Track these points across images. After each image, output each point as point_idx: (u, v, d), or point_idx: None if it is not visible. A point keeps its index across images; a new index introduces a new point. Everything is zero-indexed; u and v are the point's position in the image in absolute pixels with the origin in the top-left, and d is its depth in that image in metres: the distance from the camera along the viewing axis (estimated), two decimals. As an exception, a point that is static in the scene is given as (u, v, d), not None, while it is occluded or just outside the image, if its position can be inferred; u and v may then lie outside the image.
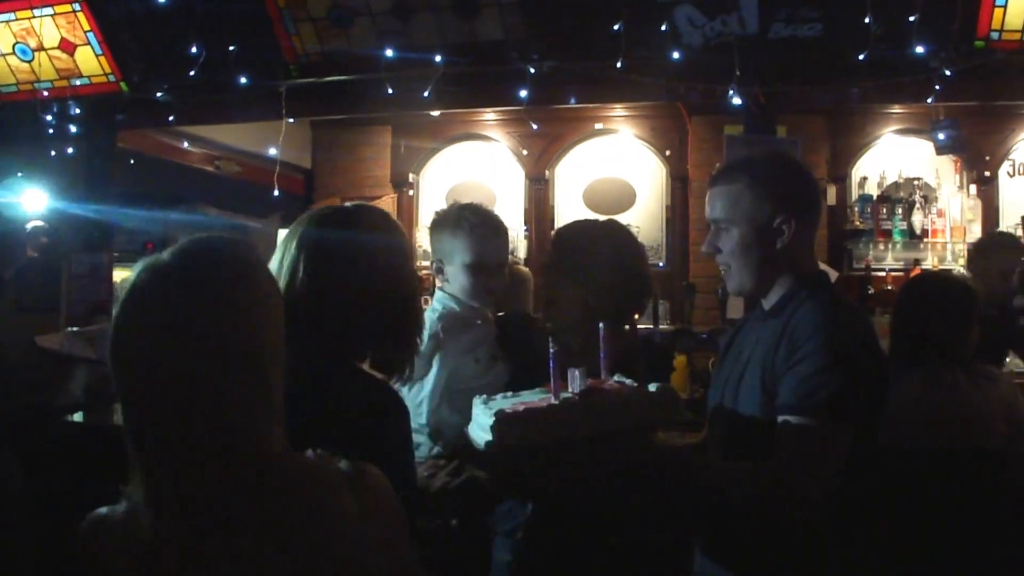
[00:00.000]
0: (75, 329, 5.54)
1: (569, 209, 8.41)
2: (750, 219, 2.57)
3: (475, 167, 8.71)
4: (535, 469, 2.43)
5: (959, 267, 7.25)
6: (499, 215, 3.72)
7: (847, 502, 2.44)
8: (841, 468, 2.36)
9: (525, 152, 8.46)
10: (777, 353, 2.47)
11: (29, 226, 6.53)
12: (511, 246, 8.23)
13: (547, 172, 8.45)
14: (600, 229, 3.51)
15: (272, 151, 7.34)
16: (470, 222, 3.39)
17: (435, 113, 7.61)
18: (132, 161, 7.54)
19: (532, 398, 2.44)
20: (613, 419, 2.34)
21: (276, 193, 6.75)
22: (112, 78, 6.61)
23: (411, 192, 8.76)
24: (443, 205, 8.34)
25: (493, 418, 2.27)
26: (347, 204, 2.69)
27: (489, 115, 8.35)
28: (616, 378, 2.52)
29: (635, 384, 2.45)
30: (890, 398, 2.57)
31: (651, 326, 6.31)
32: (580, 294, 3.21)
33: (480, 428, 2.37)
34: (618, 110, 8.12)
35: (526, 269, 6.24)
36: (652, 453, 2.42)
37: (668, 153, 8.22)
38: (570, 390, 2.38)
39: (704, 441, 2.85)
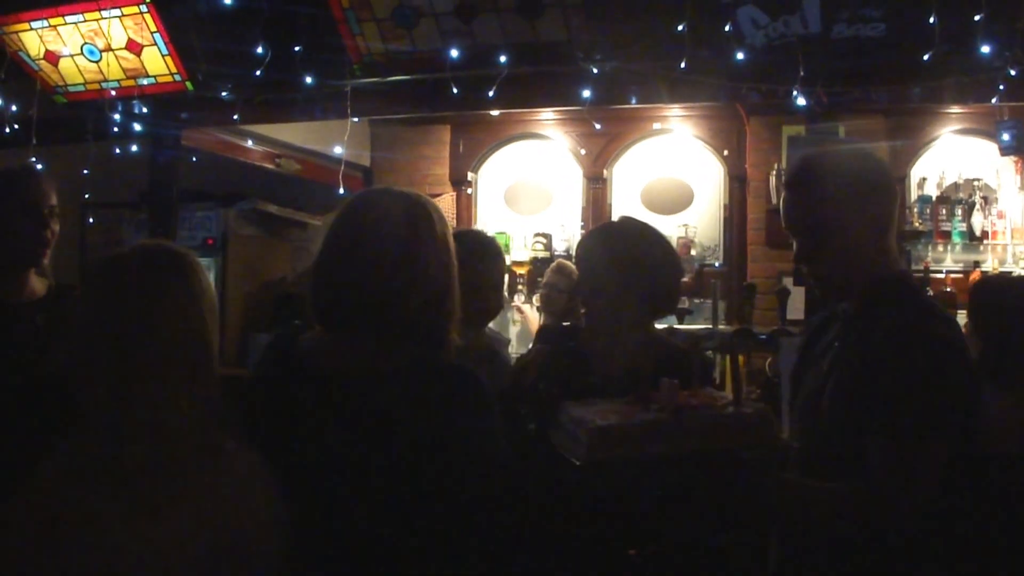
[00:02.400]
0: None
1: (627, 209, 8.42)
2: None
3: (533, 166, 8.76)
4: (623, 484, 2.43)
5: (1020, 269, 7.21)
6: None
7: (940, 516, 2.37)
8: (936, 486, 2.31)
9: (583, 151, 8.49)
10: (863, 365, 2.41)
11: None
12: (566, 245, 8.33)
13: (605, 172, 8.48)
14: (611, 230, 3.50)
15: (334, 149, 7.42)
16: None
17: (494, 112, 7.66)
18: (195, 159, 7.63)
19: (613, 406, 2.42)
20: (706, 439, 2.30)
21: (341, 191, 6.81)
22: (178, 77, 6.69)
23: (469, 191, 8.82)
24: (501, 203, 8.49)
25: (584, 428, 2.25)
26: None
27: (547, 114, 8.39)
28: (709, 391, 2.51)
29: (728, 398, 2.43)
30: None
31: (710, 326, 6.34)
32: (599, 296, 3.25)
33: (570, 437, 2.35)
34: (676, 110, 8.13)
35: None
36: (744, 476, 2.35)
37: (726, 153, 8.22)
38: (656, 403, 2.36)
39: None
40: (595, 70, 5.75)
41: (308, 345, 2.42)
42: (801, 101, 5.46)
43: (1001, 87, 5.38)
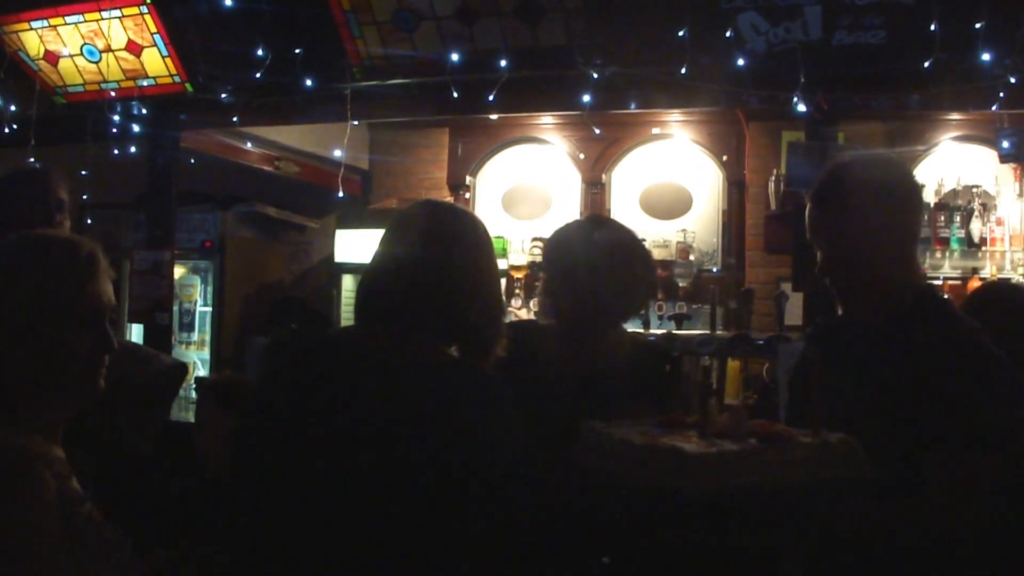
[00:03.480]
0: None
1: (626, 213, 8.41)
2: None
3: (531, 170, 8.75)
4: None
5: (1018, 276, 7.21)
6: None
7: (997, 528, 2.37)
8: (993, 498, 2.32)
9: (582, 156, 8.49)
10: (913, 381, 2.40)
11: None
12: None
13: (603, 176, 8.47)
14: (580, 229, 3.43)
15: (331, 152, 7.43)
16: None
17: (493, 116, 7.66)
18: (193, 160, 7.63)
19: (645, 427, 2.37)
20: (797, 469, 2.21)
21: (340, 195, 6.82)
22: (177, 79, 6.70)
23: (467, 195, 8.81)
24: (499, 208, 8.48)
25: (666, 453, 2.14)
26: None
27: (546, 118, 8.39)
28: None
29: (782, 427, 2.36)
30: None
31: (708, 331, 6.33)
32: (561, 298, 3.23)
33: (621, 459, 2.27)
34: (675, 115, 8.12)
35: None
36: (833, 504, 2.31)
37: (725, 158, 8.22)
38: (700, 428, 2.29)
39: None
40: (595, 75, 5.76)
41: (348, 339, 2.47)
42: (801, 107, 5.47)
43: (1001, 95, 5.39)
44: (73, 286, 2.04)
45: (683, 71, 5.53)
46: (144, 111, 6.89)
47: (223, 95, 6.55)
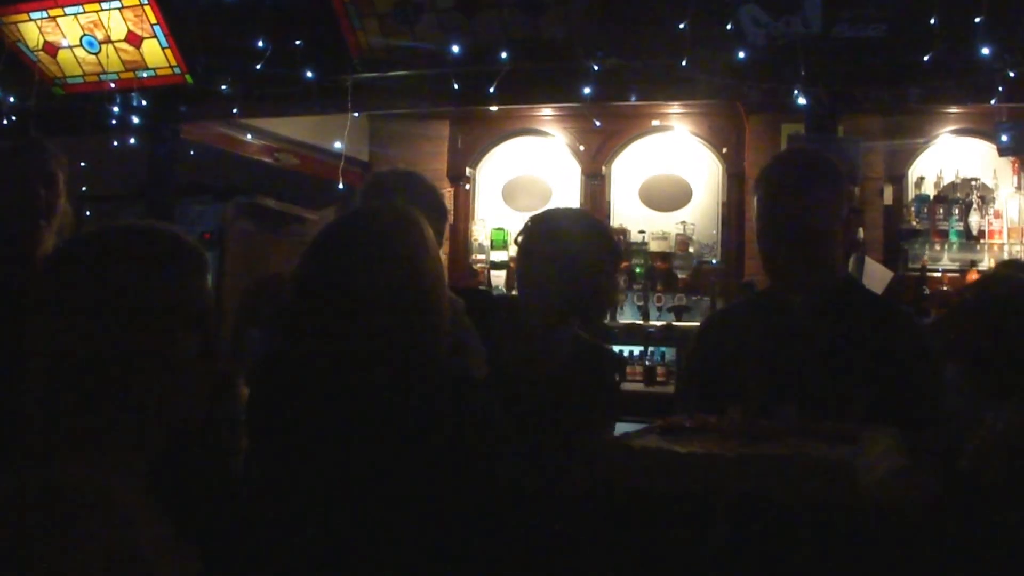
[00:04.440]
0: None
1: (625, 205, 8.44)
2: None
3: (532, 162, 8.74)
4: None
5: (1017, 269, 7.23)
6: None
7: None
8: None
9: (582, 148, 8.48)
10: (895, 364, 2.58)
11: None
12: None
13: (603, 168, 8.46)
14: (541, 225, 3.38)
15: (330, 144, 7.42)
16: None
17: (493, 108, 7.66)
18: (192, 152, 7.63)
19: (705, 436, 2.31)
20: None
21: (341, 187, 6.81)
22: (177, 70, 6.70)
23: (468, 186, 8.81)
24: (499, 199, 8.48)
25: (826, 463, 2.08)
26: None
27: (546, 110, 8.38)
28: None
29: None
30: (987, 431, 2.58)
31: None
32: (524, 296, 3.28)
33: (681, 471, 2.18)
34: (675, 107, 8.12)
35: None
36: None
37: (725, 151, 8.21)
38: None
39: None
40: (596, 67, 5.76)
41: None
42: (802, 100, 5.48)
43: (1000, 88, 5.40)
44: (181, 280, 1.79)
45: (684, 64, 5.54)
46: (144, 103, 6.89)
47: (223, 87, 6.55)
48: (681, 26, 5.45)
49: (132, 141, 7.13)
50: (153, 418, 1.72)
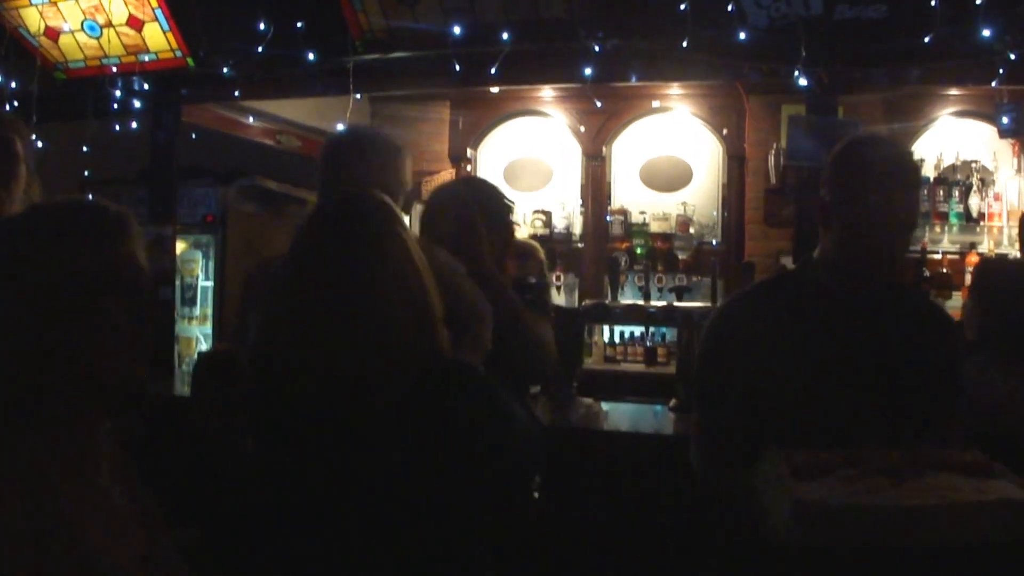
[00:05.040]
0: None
1: (626, 186, 8.48)
2: None
3: (532, 143, 8.77)
4: None
5: (1015, 251, 7.25)
6: None
7: None
8: None
9: (582, 129, 8.50)
10: (922, 342, 2.64)
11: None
12: (566, 223, 8.37)
13: (604, 149, 8.49)
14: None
15: (332, 126, 7.41)
16: None
17: (494, 89, 7.66)
18: (194, 135, 7.63)
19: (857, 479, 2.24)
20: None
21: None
22: (179, 54, 6.68)
23: (469, 167, 8.82)
24: (501, 180, 8.50)
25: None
26: None
27: (546, 91, 8.39)
28: None
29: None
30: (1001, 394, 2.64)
31: (709, 304, 6.37)
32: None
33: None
34: (675, 88, 8.14)
35: (535, 243, 6.05)
36: None
37: (725, 132, 8.24)
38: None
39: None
40: (596, 48, 5.76)
41: None
42: (803, 82, 5.48)
43: (1001, 70, 5.39)
44: (102, 247, 1.78)
45: (684, 44, 5.54)
46: (145, 86, 6.88)
47: (225, 69, 6.54)
48: (682, 7, 5.44)
49: (134, 125, 7.14)
50: (84, 384, 1.75)
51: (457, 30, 5.85)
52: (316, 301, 2.24)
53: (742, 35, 5.51)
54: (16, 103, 6.88)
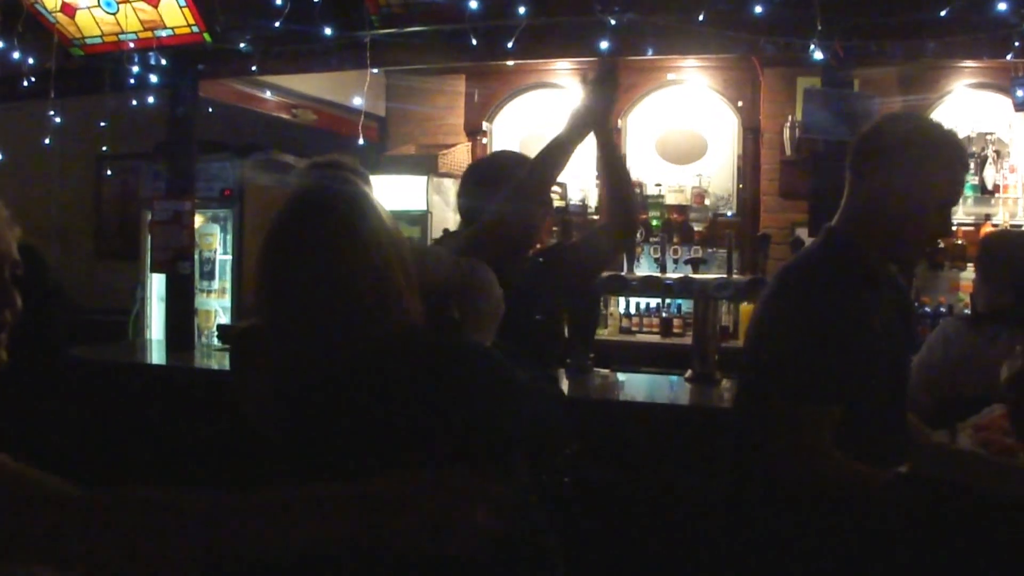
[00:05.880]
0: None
1: (642, 158, 8.49)
2: None
3: (547, 116, 8.76)
4: None
5: (1030, 222, 7.28)
6: None
7: None
8: None
9: (598, 101, 8.49)
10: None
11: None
12: (581, 195, 8.39)
13: (619, 122, 8.49)
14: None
15: (348, 100, 7.46)
16: None
17: (510, 63, 7.68)
18: (211, 109, 7.67)
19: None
20: None
21: (361, 142, 6.84)
22: (196, 29, 6.69)
23: (484, 140, 8.85)
24: (517, 154, 8.49)
25: None
26: None
27: (562, 64, 8.41)
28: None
29: None
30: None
31: (724, 275, 6.39)
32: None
33: None
34: (691, 61, 8.15)
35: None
36: None
37: (740, 104, 8.25)
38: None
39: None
40: (612, 21, 5.77)
41: None
42: (818, 55, 5.48)
43: (1016, 43, 5.39)
44: None
45: (700, 18, 5.56)
46: (163, 62, 6.91)
47: (242, 44, 6.57)
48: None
49: (151, 100, 7.17)
50: None
51: (473, 4, 5.86)
52: (279, 270, 2.26)
53: (758, 8, 5.52)
54: (34, 79, 6.92)
